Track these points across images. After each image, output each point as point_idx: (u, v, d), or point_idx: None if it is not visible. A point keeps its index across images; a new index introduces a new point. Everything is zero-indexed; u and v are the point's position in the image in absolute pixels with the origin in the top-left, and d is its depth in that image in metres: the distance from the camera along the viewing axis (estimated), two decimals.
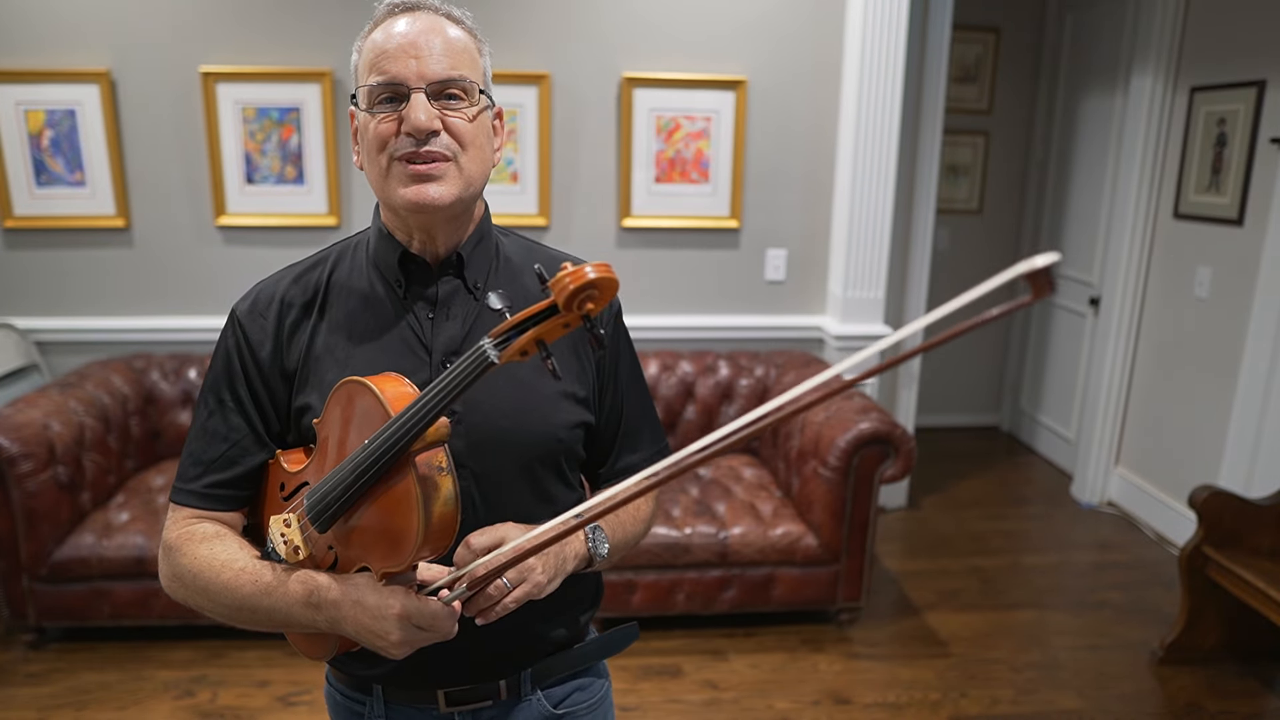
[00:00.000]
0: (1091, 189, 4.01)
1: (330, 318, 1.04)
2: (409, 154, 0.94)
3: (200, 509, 1.03)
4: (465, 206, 1.00)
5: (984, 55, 4.43)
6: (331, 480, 0.89)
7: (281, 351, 1.03)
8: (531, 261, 1.11)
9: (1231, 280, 3.15)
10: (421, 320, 1.03)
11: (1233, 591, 2.51)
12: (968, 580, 3.21)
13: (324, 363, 1.02)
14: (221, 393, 1.03)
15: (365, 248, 1.07)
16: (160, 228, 3.09)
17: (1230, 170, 3.15)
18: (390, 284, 1.04)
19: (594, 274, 0.72)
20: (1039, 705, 2.49)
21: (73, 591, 2.55)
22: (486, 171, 1.00)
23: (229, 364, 1.03)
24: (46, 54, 2.91)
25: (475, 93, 0.97)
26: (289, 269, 1.09)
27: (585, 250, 3.22)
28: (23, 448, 2.42)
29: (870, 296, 3.25)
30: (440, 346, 1.02)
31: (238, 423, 1.02)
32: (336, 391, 0.92)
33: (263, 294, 1.06)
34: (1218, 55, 3.23)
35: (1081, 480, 3.95)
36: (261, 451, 1.04)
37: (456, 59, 0.96)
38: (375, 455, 0.84)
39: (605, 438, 1.14)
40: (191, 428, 1.06)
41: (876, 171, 3.14)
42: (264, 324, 1.03)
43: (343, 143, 3.08)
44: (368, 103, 0.96)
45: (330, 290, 1.05)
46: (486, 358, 0.77)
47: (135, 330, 3.12)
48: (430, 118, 0.93)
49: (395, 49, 0.94)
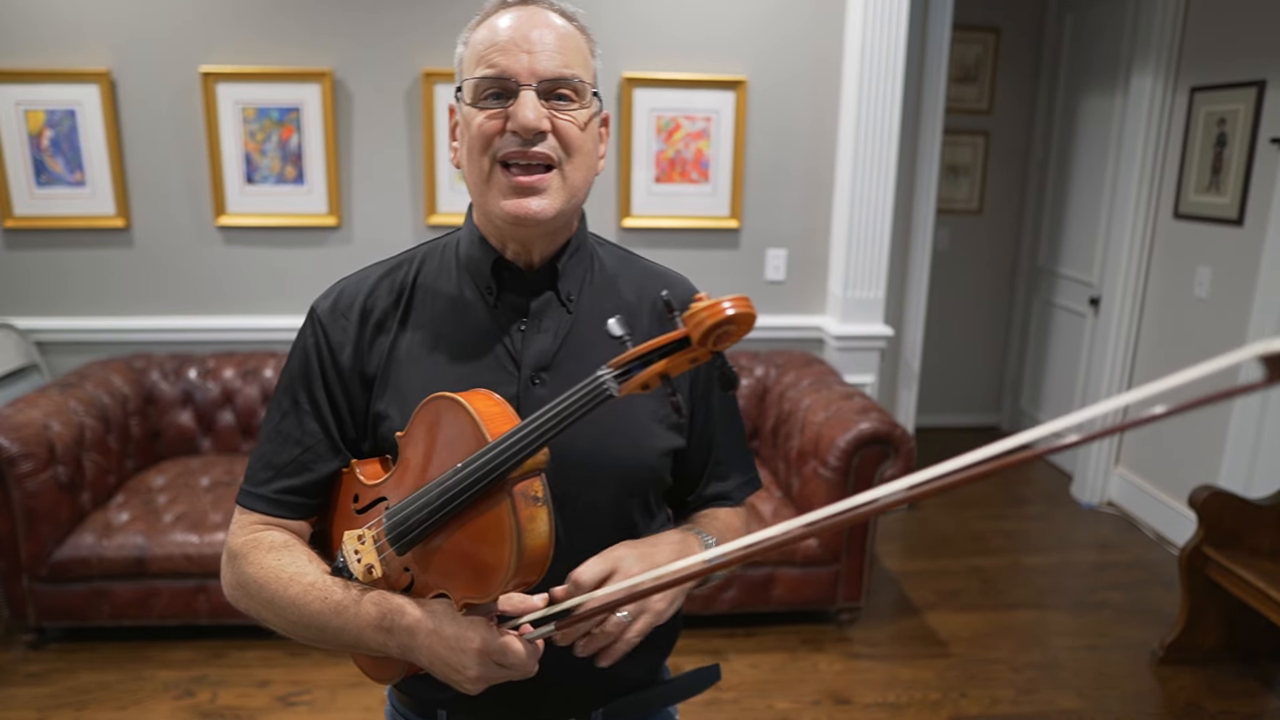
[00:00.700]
0: (1091, 189, 4.01)
1: (415, 322, 0.98)
2: (514, 153, 0.89)
3: (268, 515, 0.98)
4: (566, 219, 0.95)
5: (984, 55, 4.43)
6: (416, 501, 0.84)
7: (362, 355, 0.97)
8: (629, 274, 1.06)
9: (1231, 280, 3.15)
10: (511, 331, 0.97)
11: (1233, 591, 2.51)
12: (968, 580, 3.21)
13: (406, 369, 0.97)
14: (297, 394, 0.98)
15: (455, 249, 1.02)
16: (160, 228, 3.09)
17: (1230, 170, 3.15)
18: (481, 290, 0.98)
19: (732, 310, 0.67)
20: (1039, 705, 2.49)
21: (73, 591, 2.55)
22: (590, 181, 0.95)
23: (306, 364, 0.98)
24: (46, 54, 2.91)
25: (587, 94, 0.92)
26: (374, 267, 1.03)
27: None
28: (23, 448, 2.42)
29: (870, 296, 3.25)
30: (530, 361, 0.96)
31: (312, 427, 0.97)
32: (425, 407, 0.87)
33: (345, 293, 1.00)
34: (1218, 55, 3.23)
35: (1081, 480, 3.95)
36: (335, 459, 0.98)
37: (569, 57, 0.90)
38: (469, 481, 0.79)
39: (694, 464, 1.08)
40: (263, 428, 1.01)
41: (876, 171, 3.13)
42: (345, 325, 0.98)
43: (343, 143, 3.08)
44: (473, 97, 0.90)
45: (416, 292, 1.00)
46: (605, 390, 0.73)
47: (135, 330, 3.12)
48: (539, 117, 0.87)
49: (506, 42, 0.89)
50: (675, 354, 0.71)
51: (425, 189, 3.11)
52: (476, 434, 0.81)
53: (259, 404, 3.05)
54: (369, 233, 3.13)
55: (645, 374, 0.72)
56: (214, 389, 3.03)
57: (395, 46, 3.02)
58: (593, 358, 0.94)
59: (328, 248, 3.14)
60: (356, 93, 3.05)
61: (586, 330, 0.99)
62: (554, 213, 0.91)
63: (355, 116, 3.07)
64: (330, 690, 2.46)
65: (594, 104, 0.93)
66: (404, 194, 3.13)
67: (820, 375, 3.05)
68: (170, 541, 2.54)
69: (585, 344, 0.98)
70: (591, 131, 0.94)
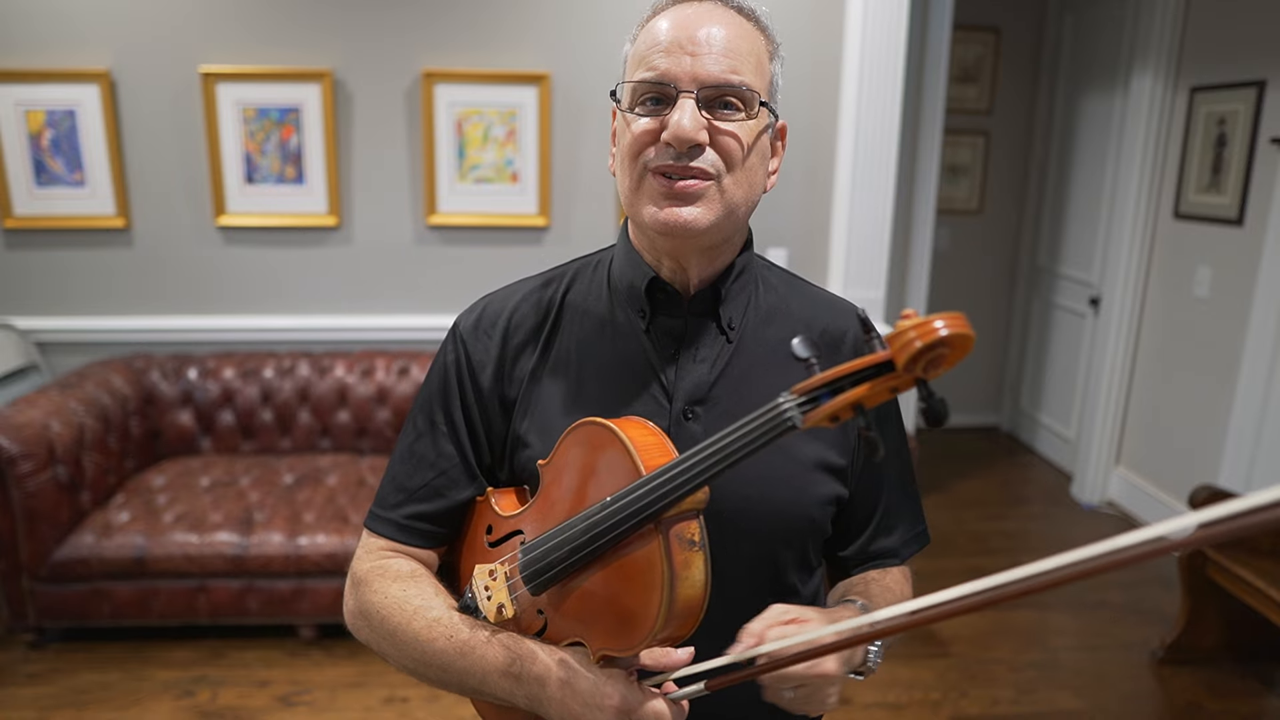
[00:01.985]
0: (1091, 189, 4.01)
1: (561, 343, 0.92)
2: (667, 166, 0.81)
3: (396, 541, 0.92)
4: (724, 235, 0.86)
5: (984, 55, 4.43)
6: (557, 537, 0.78)
7: (504, 376, 0.91)
8: (797, 301, 0.97)
9: (1231, 280, 3.15)
10: (664, 358, 0.89)
11: (1233, 591, 2.51)
12: (968, 580, 3.20)
13: (548, 393, 0.90)
14: (434, 413, 0.92)
15: (607, 266, 0.95)
16: (160, 228, 3.09)
17: (1230, 170, 3.15)
18: (633, 311, 0.90)
19: (947, 330, 0.58)
20: (1039, 705, 2.49)
21: (73, 591, 2.55)
22: (755, 198, 0.87)
23: (445, 382, 0.92)
24: (46, 54, 2.91)
25: (755, 104, 0.83)
26: (520, 284, 0.97)
27: (585, 248, 3.22)
28: (23, 448, 2.42)
29: (870, 296, 3.25)
30: (684, 392, 0.88)
31: (448, 449, 0.91)
32: (573, 433, 0.80)
33: (490, 309, 0.94)
34: (1218, 55, 3.23)
35: (1081, 480, 3.95)
36: (470, 485, 0.93)
37: (739, 61, 0.81)
38: (619, 518, 0.72)
39: (858, 516, 0.97)
40: (397, 448, 0.95)
41: (876, 171, 3.13)
42: (488, 344, 0.92)
43: (343, 143, 3.08)
44: (630, 101, 0.83)
45: (564, 311, 0.93)
46: (787, 421, 0.65)
47: (135, 330, 3.12)
48: (697, 127, 0.79)
49: (670, 42, 0.80)
50: (874, 380, 0.62)
51: (425, 189, 3.11)
52: (629, 466, 0.74)
53: (259, 404, 3.05)
54: (369, 233, 3.13)
55: (836, 403, 0.63)
56: (214, 389, 3.03)
57: (395, 46, 3.02)
58: (753, 392, 0.88)
59: (327, 248, 3.14)
60: (356, 93, 3.05)
61: (747, 362, 0.91)
62: (708, 224, 0.82)
63: (355, 116, 3.07)
64: (330, 690, 2.46)
65: (763, 116, 0.84)
66: (404, 194, 3.13)
67: None
68: (170, 541, 2.54)
69: (744, 377, 0.90)
70: (760, 147, 0.85)
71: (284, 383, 3.05)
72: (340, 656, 2.61)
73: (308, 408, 3.07)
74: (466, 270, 3.18)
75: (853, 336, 0.96)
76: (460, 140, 3.08)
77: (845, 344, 0.96)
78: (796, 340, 0.67)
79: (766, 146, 0.87)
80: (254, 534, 2.57)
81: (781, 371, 0.90)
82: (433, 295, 3.20)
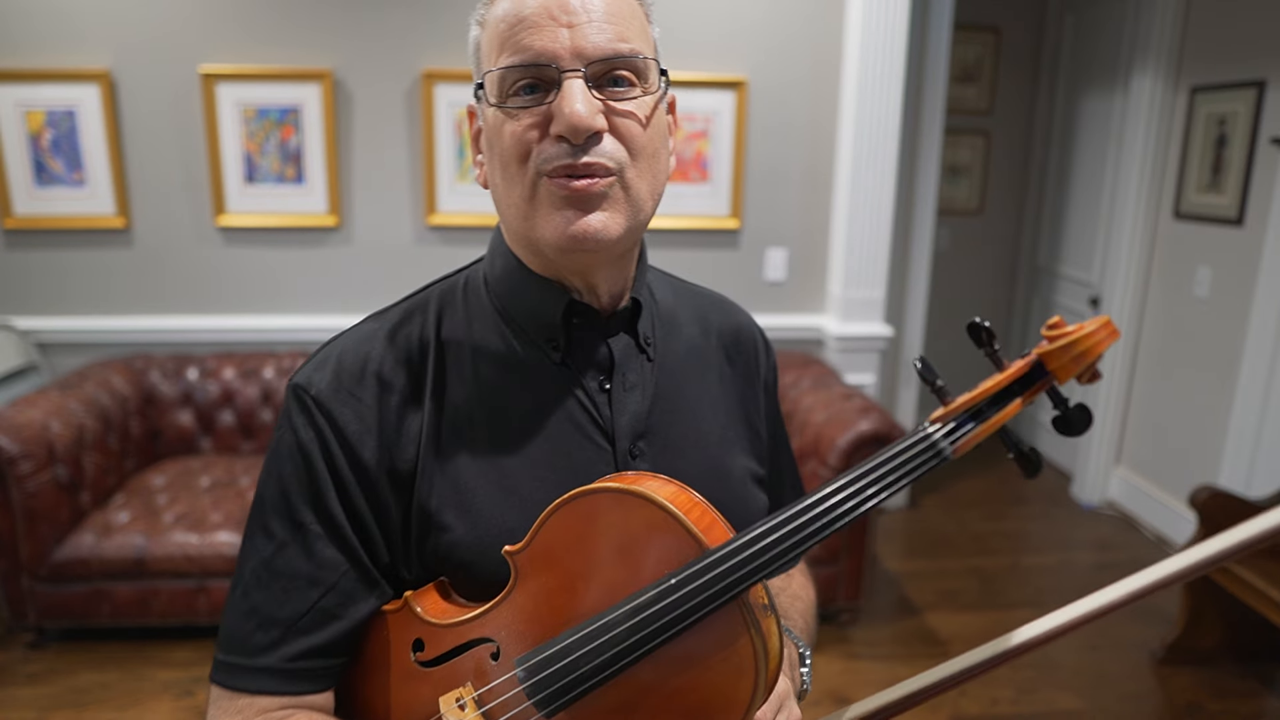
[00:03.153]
0: (1091, 189, 4.01)
1: (454, 394, 0.74)
2: (563, 167, 0.67)
3: (284, 694, 0.70)
4: (636, 239, 0.75)
5: (984, 55, 4.42)
6: (588, 638, 0.63)
7: (389, 445, 0.72)
8: (686, 303, 0.86)
9: (1231, 280, 3.15)
10: (593, 393, 0.76)
11: (1233, 591, 2.51)
12: (968, 580, 3.21)
13: (458, 459, 0.73)
14: (296, 514, 0.71)
15: (483, 291, 0.79)
16: (160, 228, 3.09)
17: (1230, 170, 3.15)
18: (540, 343, 0.76)
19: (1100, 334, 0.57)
20: (1039, 705, 2.49)
21: (73, 591, 2.55)
22: (661, 189, 0.73)
23: (309, 469, 0.71)
24: (46, 54, 2.91)
25: (651, 74, 0.70)
26: (368, 324, 0.78)
27: None
28: (23, 448, 2.42)
29: (870, 296, 3.25)
30: (625, 429, 0.76)
31: (331, 555, 0.70)
32: (567, 509, 0.65)
33: (346, 361, 0.74)
34: (1218, 55, 3.23)
35: (1081, 480, 3.95)
36: (372, 595, 0.73)
37: (625, 25, 0.68)
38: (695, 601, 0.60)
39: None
40: (244, 573, 0.72)
41: (876, 171, 3.13)
42: (359, 406, 0.72)
43: (343, 143, 3.08)
44: (499, 94, 0.68)
45: (445, 352, 0.76)
46: (941, 453, 0.59)
47: (135, 330, 3.12)
48: (593, 111, 0.66)
49: (537, 13, 0.66)
50: (1025, 395, 0.58)
51: (425, 189, 3.11)
52: (681, 538, 0.62)
53: (258, 404, 3.05)
54: (369, 233, 3.13)
55: (985, 428, 0.58)
56: (214, 389, 3.03)
57: (395, 46, 3.02)
58: (683, 416, 0.80)
59: (328, 248, 3.14)
60: (356, 93, 3.05)
61: (670, 382, 0.80)
62: (621, 231, 0.69)
63: (355, 116, 3.07)
64: None
65: (659, 86, 0.72)
66: (404, 194, 3.13)
67: (820, 375, 3.05)
68: (170, 541, 2.54)
69: (672, 400, 0.80)
70: (660, 125, 0.73)
71: (284, 383, 3.05)
72: None
73: None
74: None
75: (748, 332, 0.91)
76: (460, 140, 3.08)
77: (744, 341, 0.90)
78: (916, 360, 0.62)
79: (665, 124, 0.75)
80: None
81: (701, 387, 0.83)
82: None
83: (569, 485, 0.70)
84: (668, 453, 0.75)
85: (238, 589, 0.72)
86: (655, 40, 0.74)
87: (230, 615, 0.72)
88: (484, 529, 0.71)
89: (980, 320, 0.61)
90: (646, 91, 0.70)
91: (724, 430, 0.84)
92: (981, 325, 0.60)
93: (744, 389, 0.88)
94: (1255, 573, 2.42)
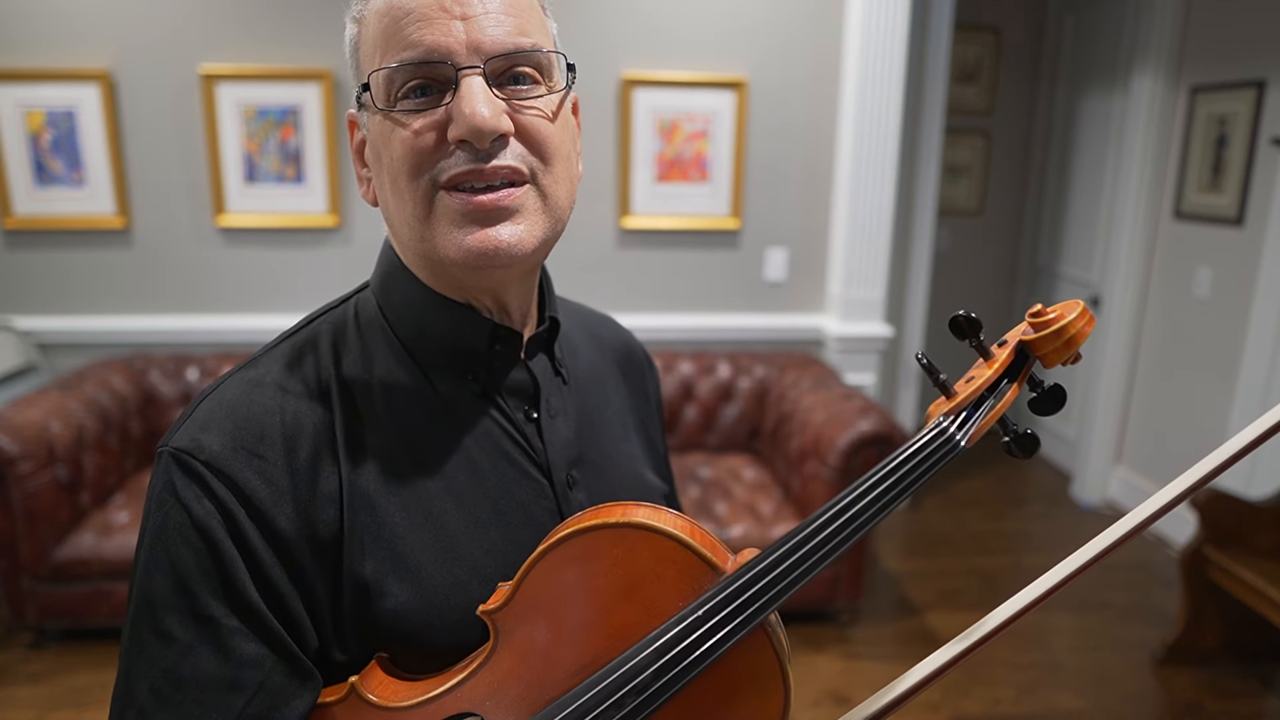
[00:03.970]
0: (1091, 189, 4.01)
1: (369, 440, 0.65)
2: (464, 174, 0.59)
3: None
4: (549, 251, 0.67)
5: (984, 55, 4.42)
6: (608, 687, 0.57)
7: (305, 508, 0.61)
8: (572, 318, 0.83)
9: (1231, 280, 3.15)
10: (520, 425, 0.70)
11: (1233, 592, 2.51)
12: (968, 580, 3.21)
13: (388, 516, 0.63)
14: (205, 606, 0.58)
15: (382, 323, 0.70)
16: (160, 228, 3.09)
17: (1230, 170, 3.15)
18: (454, 375, 0.69)
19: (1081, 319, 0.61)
20: (1039, 705, 2.49)
21: (73, 591, 2.54)
22: (573, 195, 0.67)
23: (212, 551, 0.58)
24: (46, 54, 2.91)
25: (556, 70, 0.65)
26: (253, 370, 0.67)
27: (586, 250, 3.22)
28: (23, 448, 2.42)
29: (870, 296, 3.25)
30: (559, 459, 0.71)
31: (254, 651, 0.59)
32: (559, 550, 0.60)
33: (240, 416, 0.62)
34: (1218, 55, 3.23)
35: (1081, 480, 3.95)
36: (305, 689, 0.61)
37: (523, 18, 0.62)
38: (724, 632, 0.57)
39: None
40: (134, 689, 0.58)
41: (876, 171, 3.14)
42: (265, 466, 0.61)
43: (343, 143, 3.08)
44: (385, 98, 0.61)
45: (353, 394, 0.66)
46: (955, 443, 0.59)
47: (135, 330, 3.12)
48: (496, 112, 0.59)
49: (426, 6, 0.59)
50: (1018, 379, 0.60)
51: None
52: (697, 567, 0.59)
53: None
54: (369, 233, 3.13)
55: (990, 418, 0.60)
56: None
57: None
58: (604, 438, 0.77)
59: (327, 248, 3.14)
60: None
61: (585, 404, 0.77)
62: (536, 243, 0.62)
63: None
64: None
65: (565, 83, 0.66)
66: None
67: (820, 375, 3.05)
68: None
69: (590, 423, 0.77)
70: (567, 124, 0.66)
71: None
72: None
73: None
74: None
75: (637, 348, 0.91)
76: None
77: (635, 358, 0.90)
78: (922, 358, 0.61)
79: (572, 122, 0.68)
80: None
81: (608, 406, 0.81)
82: None
83: (514, 525, 0.65)
84: (599, 478, 0.72)
85: (130, 713, 0.58)
86: (554, 35, 0.67)
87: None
88: (430, 590, 0.63)
89: (963, 313, 0.60)
90: (552, 90, 0.64)
91: (634, 448, 0.83)
92: (961, 318, 0.60)
93: (640, 404, 0.88)
94: (1255, 573, 2.42)
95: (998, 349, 0.65)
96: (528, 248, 0.62)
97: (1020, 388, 0.61)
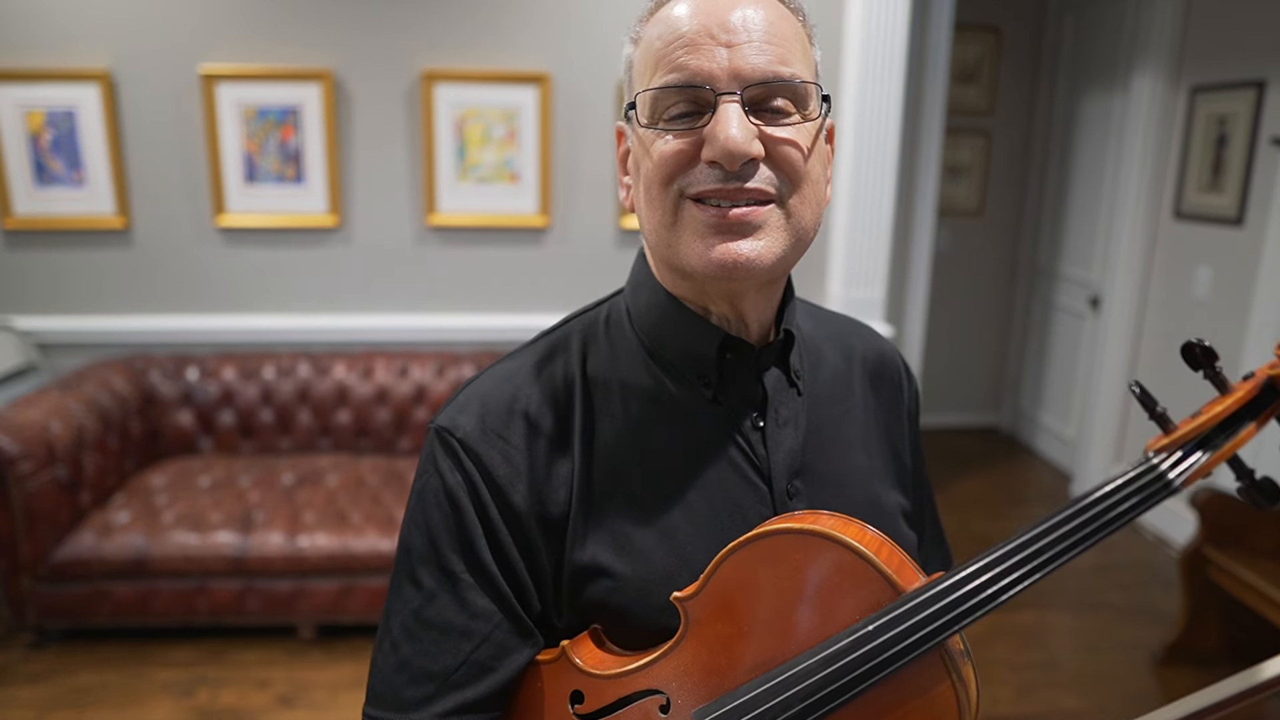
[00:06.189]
0: (1091, 189, 4.01)
1: (604, 436, 0.71)
2: (711, 191, 0.63)
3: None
4: (790, 267, 0.70)
5: (984, 55, 4.42)
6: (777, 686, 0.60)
7: (539, 489, 0.69)
8: (826, 330, 0.84)
9: (1231, 280, 3.15)
10: (746, 431, 0.72)
11: (1233, 592, 2.51)
12: None
13: (612, 504, 0.70)
14: (445, 562, 0.68)
15: (628, 324, 0.75)
16: (160, 228, 3.09)
17: (1230, 170, 3.15)
18: (691, 380, 0.72)
19: None
20: (1039, 705, 2.49)
21: (73, 591, 2.54)
22: (819, 218, 0.69)
23: (458, 515, 0.68)
24: (46, 54, 2.91)
25: (812, 101, 0.66)
26: (511, 362, 0.75)
27: (585, 249, 3.22)
28: (23, 448, 2.42)
29: (870, 296, 3.25)
30: (782, 468, 0.73)
31: (484, 605, 0.68)
32: (747, 550, 0.63)
33: (491, 401, 0.71)
34: (1218, 55, 3.23)
35: (1082, 480, 3.95)
36: (526, 646, 0.70)
37: (786, 48, 0.64)
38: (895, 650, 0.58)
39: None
40: (391, 623, 0.70)
41: (876, 171, 3.13)
42: (507, 449, 0.69)
43: (343, 143, 3.08)
44: (650, 115, 0.65)
45: (592, 391, 0.73)
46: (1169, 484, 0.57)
47: (135, 330, 3.12)
48: (749, 137, 0.62)
49: (695, 32, 0.63)
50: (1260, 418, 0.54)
51: (425, 189, 3.11)
52: (875, 581, 0.60)
53: (259, 404, 3.05)
54: (369, 233, 3.13)
55: (1217, 456, 0.55)
56: (214, 389, 3.03)
57: (395, 46, 3.02)
58: (836, 451, 0.77)
59: (327, 248, 3.14)
60: (356, 93, 3.05)
61: (820, 416, 0.77)
62: (774, 260, 0.65)
63: (355, 116, 3.07)
64: (330, 690, 2.46)
65: (820, 113, 0.67)
66: (404, 194, 3.13)
67: None
68: (170, 541, 2.53)
69: (822, 434, 0.77)
70: (820, 153, 0.68)
71: (284, 383, 3.05)
72: (340, 656, 2.61)
73: (307, 408, 3.07)
74: (466, 271, 3.18)
75: (891, 359, 0.89)
76: (460, 140, 3.08)
77: (888, 368, 0.87)
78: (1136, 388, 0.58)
79: (826, 152, 0.70)
80: (254, 534, 2.57)
81: (849, 418, 0.81)
82: (433, 295, 3.20)
83: (727, 527, 0.69)
84: (825, 490, 0.72)
85: (385, 642, 0.69)
86: (817, 63, 0.70)
87: (379, 669, 0.69)
88: (644, 574, 0.69)
89: (1197, 340, 0.56)
90: (806, 119, 0.65)
91: (872, 462, 0.81)
92: (1196, 345, 0.57)
93: (889, 417, 0.85)
94: (1255, 573, 2.42)
95: (1241, 382, 0.59)
96: (766, 262, 0.64)
97: (1260, 428, 0.55)
